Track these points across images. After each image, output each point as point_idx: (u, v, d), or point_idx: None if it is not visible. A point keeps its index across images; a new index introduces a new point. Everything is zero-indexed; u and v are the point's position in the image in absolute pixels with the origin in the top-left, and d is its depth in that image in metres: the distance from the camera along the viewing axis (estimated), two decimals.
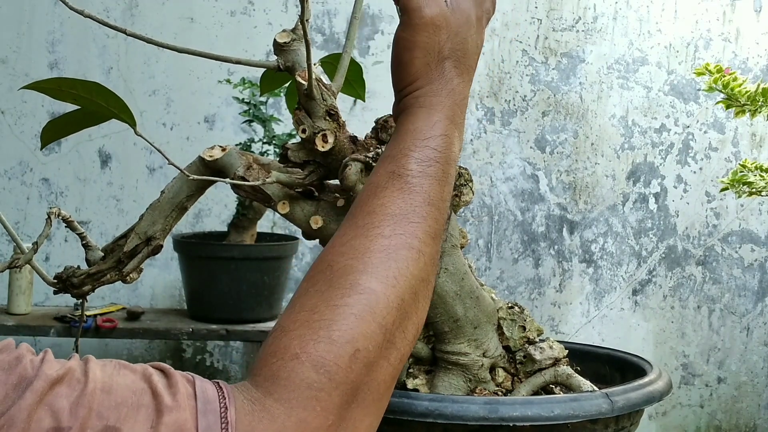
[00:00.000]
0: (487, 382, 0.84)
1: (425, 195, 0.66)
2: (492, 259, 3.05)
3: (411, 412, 0.74)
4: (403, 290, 0.62)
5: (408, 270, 0.63)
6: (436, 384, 0.84)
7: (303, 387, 0.55)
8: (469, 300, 0.82)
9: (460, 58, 0.74)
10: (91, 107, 0.79)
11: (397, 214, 0.65)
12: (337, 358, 0.56)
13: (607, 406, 0.74)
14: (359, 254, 0.62)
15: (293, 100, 0.88)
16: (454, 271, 0.81)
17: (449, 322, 0.82)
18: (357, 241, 0.63)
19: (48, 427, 0.50)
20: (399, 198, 0.66)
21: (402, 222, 0.64)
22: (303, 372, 0.56)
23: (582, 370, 0.90)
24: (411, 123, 0.71)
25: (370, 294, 0.60)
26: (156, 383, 0.54)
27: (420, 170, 0.67)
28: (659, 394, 0.82)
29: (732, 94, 1.44)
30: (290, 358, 0.56)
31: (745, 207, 3.12)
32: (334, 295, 0.59)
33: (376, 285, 0.60)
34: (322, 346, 0.57)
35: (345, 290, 0.60)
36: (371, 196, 0.66)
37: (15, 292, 2.53)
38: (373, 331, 0.59)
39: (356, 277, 0.60)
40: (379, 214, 0.65)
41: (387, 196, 0.66)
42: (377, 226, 0.64)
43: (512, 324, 0.84)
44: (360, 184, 0.81)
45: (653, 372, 0.87)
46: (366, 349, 0.58)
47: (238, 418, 0.53)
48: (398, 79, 0.74)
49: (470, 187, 0.85)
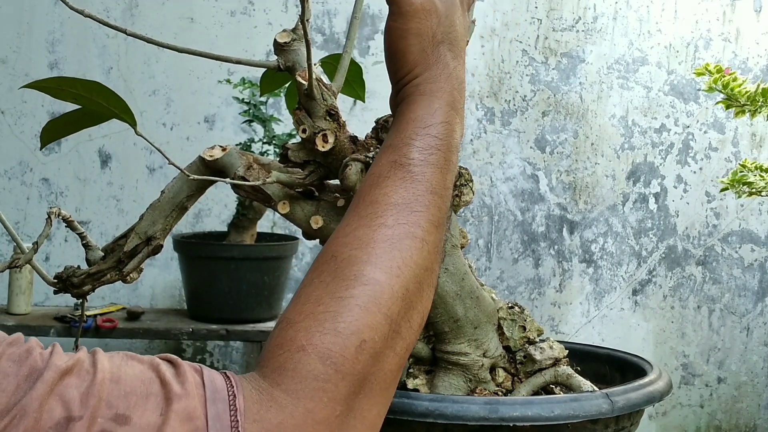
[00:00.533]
0: (487, 383, 0.83)
1: (427, 183, 0.66)
2: (492, 259, 3.05)
3: (411, 412, 0.74)
4: (407, 280, 0.62)
5: (412, 259, 0.63)
6: (436, 384, 0.84)
7: (310, 378, 0.55)
8: (470, 300, 0.82)
9: (454, 41, 0.74)
10: (92, 107, 0.78)
11: (399, 203, 0.65)
12: (343, 349, 0.57)
13: (607, 407, 0.74)
14: (363, 244, 0.62)
15: (293, 100, 0.88)
16: (454, 271, 0.81)
17: (449, 322, 0.82)
18: (360, 231, 0.63)
19: (59, 416, 0.51)
20: (401, 187, 0.65)
21: (405, 211, 0.64)
22: (310, 363, 0.56)
23: (582, 370, 0.90)
24: (412, 111, 0.71)
25: (374, 285, 0.60)
26: (164, 373, 0.54)
27: (422, 159, 0.67)
28: (659, 394, 0.82)
29: (732, 95, 1.44)
30: (297, 349, 0.56)
31: (745, 207, 3.12)
32: (339, 286, 0.60)
33: (381, 275, 0.60)
34: (328, 338, 0.57)
35: (349, 281, 0.60)
36: (374, 185, 0.66)
37: (15, 292, 2.53)
38: (379, 321, 0.59)
39: (360, 268, 0.60)
40: (382, 204, 0.65)
41: (389, 185, 0.66)
42: (380, 215, 0.64)
43: (512, 324, 0.84)
44: (360, 184, 0.80)
45: (653, 372, 0.87)
46: (372, 339, 0.58)
47: (246, 407, 0.54)
48: (396, 69, 0.74)
49: (470, 187, 0.84)
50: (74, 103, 0.80)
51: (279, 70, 0.85)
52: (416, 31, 0.72)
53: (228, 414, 0.53)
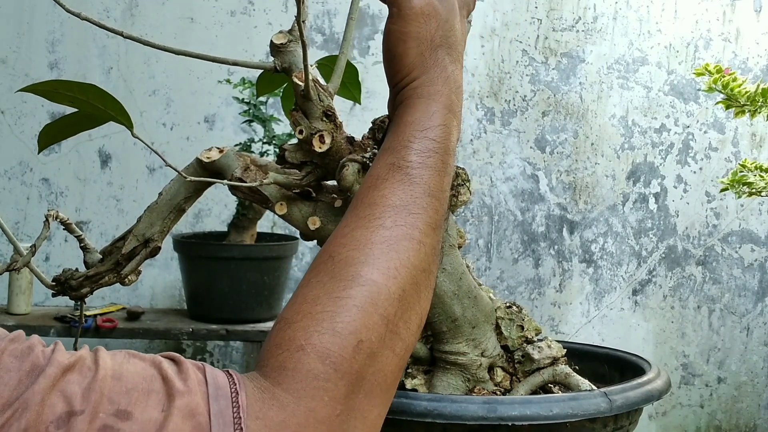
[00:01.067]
0: (485, 382, 0.83)
1: (425, 186, 0.67)
2: (492, 259, 3.05)
3: (410, 411, 0.74)
4: (404, 281, 0.62)
5: (409, 261, 0.63)
6: (434, 384, 0.84)
7: (310, 377, 0.56)
8: (467, 300, 0.82)
9: (452, 45, 0.74)
10: (88, 109, 0.78)
11: (397, 205, 0.65)
12: (342, 349, 0.57)
13: (605, 405, 0.74)
14: (361, 245, 0.62)
15: (289, 102, 0.88)
16: (451, 271, 0.82)
17: (447, 321, 0.82)
18: (358, 233, 0.64)
19: (61, 411, 0.51)
20: (399, 189, 0.66)
21: (402, 213, 0.65)
22: (309, 363, 0.56)
23: (581, 369, 0.90)
24: (409, 114, 0.71)
25: (371, 285, 0.60)
26: (166, 370, 0.55)
27: (420, 161, 0.68)
28: (658, 393, 0.82)
29: (732, 95, 1.44)
30: (296, 349, 0.57)
31: (745, 207, 3.12)
32: (337, 287, 0.60)
33: (378, 276, 0.61)
34: (327, 338, 0.57)
35: (347, 282, 0.60)
36: (372, 187, 0.67)
37: (15, 292, 2.53)
38: (376, 322, 0.59)
39: (358, 269, 0.61)
40: (380, 206, 0.65)
41: (387, 187, 0.66)
42: (378, 217, 0.64)
43: (510, 323, 0.84)
44: (357, 184, 0.81)
45: (652, 371, 0.87)
46: (369, 339, 0.59)
47: (249, 404, 0.54)
48: (394, 72, 0.74)
49: (467, 187, 0.84)
50: (71, 106, 0.80)
51: (276, 71, 0.85)
52: (415, 35, 0.72)
53: (231, 410, 0.53)
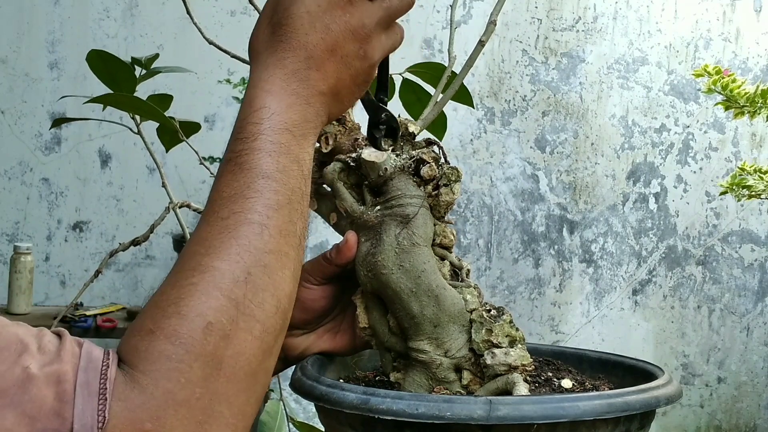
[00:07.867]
0: (451, 383, 0.83)
1: (257, 170, 0.67)
2: (492, 259, 3.05)
3: (341, 403, 0.74)
4: (248, 264, 0.63)
5: (251, 244, 0.64)
6: (405, 379, 0.85)
7: (162, 359, 0.58)
8: (426, 298, 0.82)
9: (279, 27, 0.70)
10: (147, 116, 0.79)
11: (231, 195, 0.66)
12: (190, 330, 0.59)
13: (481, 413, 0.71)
14: (202, 240, 0.64)
15: None
16: (409, 269, 0.82)
17: (407, 318, 0.83)
18: (200, 229, 0.65)
19: None
20: (231, 179, 0.67)
21: (238, 200, 0.66)
22: (159, 345, 0.58)
23: (597, 377, 0.89)
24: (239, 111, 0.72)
25: (213, 271, 0.62)
26: (46, 339, 0.58)
27: (245, 148, 0.68)
28: (665, 399, 0.80)
29: (731, 96, 1.44)
30: (146, 333, 0.59)
31: (745, 207, 3.12)
32: (180, 277, 0.62)
33: (219, 263, 0.62)
34: (174, 320, 0.59)
35: (190, 272, 0.62)
36: (212, 189, 0.68)
37: (15, 292, 2.53)
38: (223, 304, 0.61)
39: (199, 260, 0.63)
40: (216, 201, 0.66)
41: (221, 182, 0.67)
42: (216, 211, 0.66)
43: (480, 326, 0.84)
44: (338, 182, 0.83)
45: (664, 377, 0.85)
46: (219, 321, 0.60)
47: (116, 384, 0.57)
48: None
49: (452, 188, 0.83)
50: None
51: None
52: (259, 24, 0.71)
53: (98, 382, 0.56)
